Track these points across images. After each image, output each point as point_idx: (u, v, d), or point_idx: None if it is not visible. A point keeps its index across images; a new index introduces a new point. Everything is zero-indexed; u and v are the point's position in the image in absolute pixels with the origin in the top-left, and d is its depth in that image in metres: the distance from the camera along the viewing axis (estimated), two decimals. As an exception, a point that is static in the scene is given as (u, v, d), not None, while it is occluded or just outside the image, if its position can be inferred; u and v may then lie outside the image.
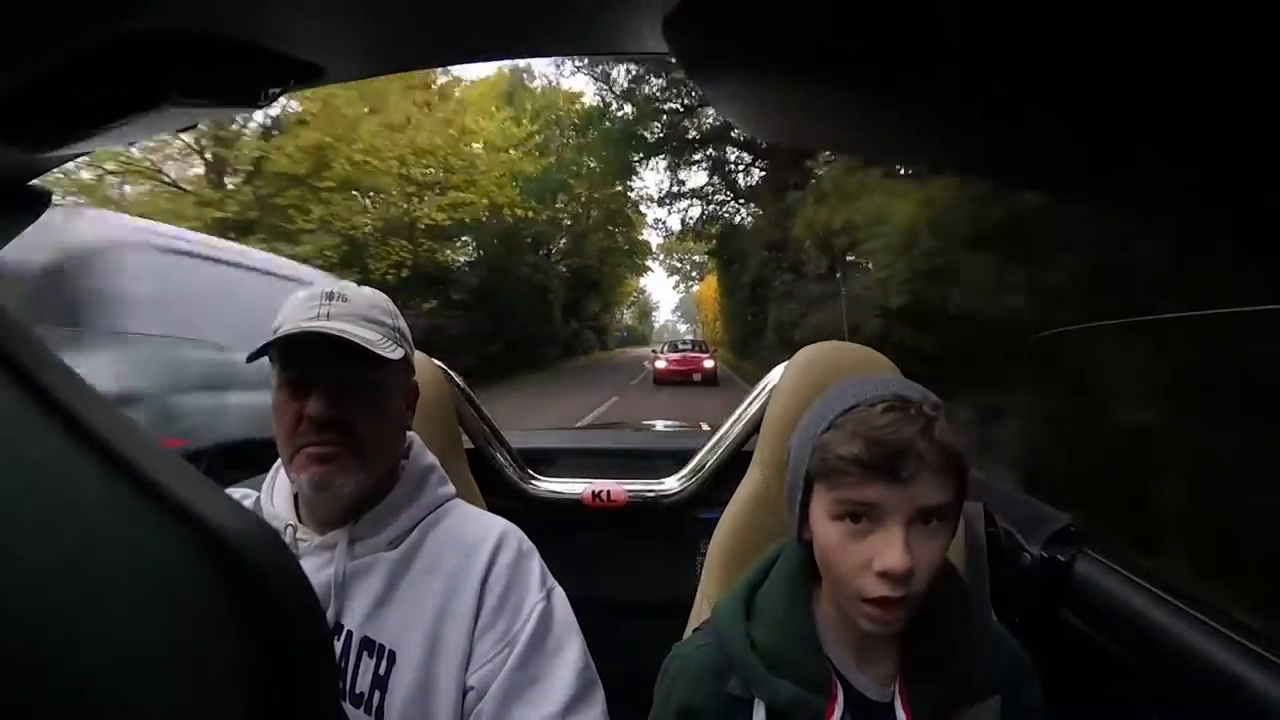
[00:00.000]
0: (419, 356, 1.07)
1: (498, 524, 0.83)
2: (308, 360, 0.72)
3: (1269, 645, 0.74)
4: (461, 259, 15.62)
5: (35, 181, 0.59)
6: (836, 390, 0.69)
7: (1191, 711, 0.77)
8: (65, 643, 0.14)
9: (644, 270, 25.31)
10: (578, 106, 19.29)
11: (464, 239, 15.54)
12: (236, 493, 0.85)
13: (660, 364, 17.30)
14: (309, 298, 0.76)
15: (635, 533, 1.31)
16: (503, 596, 0.75)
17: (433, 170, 13.53)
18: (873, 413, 0.63)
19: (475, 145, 14.98)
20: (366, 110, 12.09)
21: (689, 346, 19.06)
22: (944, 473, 0.62)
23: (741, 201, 17.69)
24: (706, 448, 1.28)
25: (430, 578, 0.75)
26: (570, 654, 0.76)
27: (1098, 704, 0.92)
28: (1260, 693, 0.70)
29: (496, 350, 14.84)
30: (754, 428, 1.19)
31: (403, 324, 0.81)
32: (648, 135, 17.50)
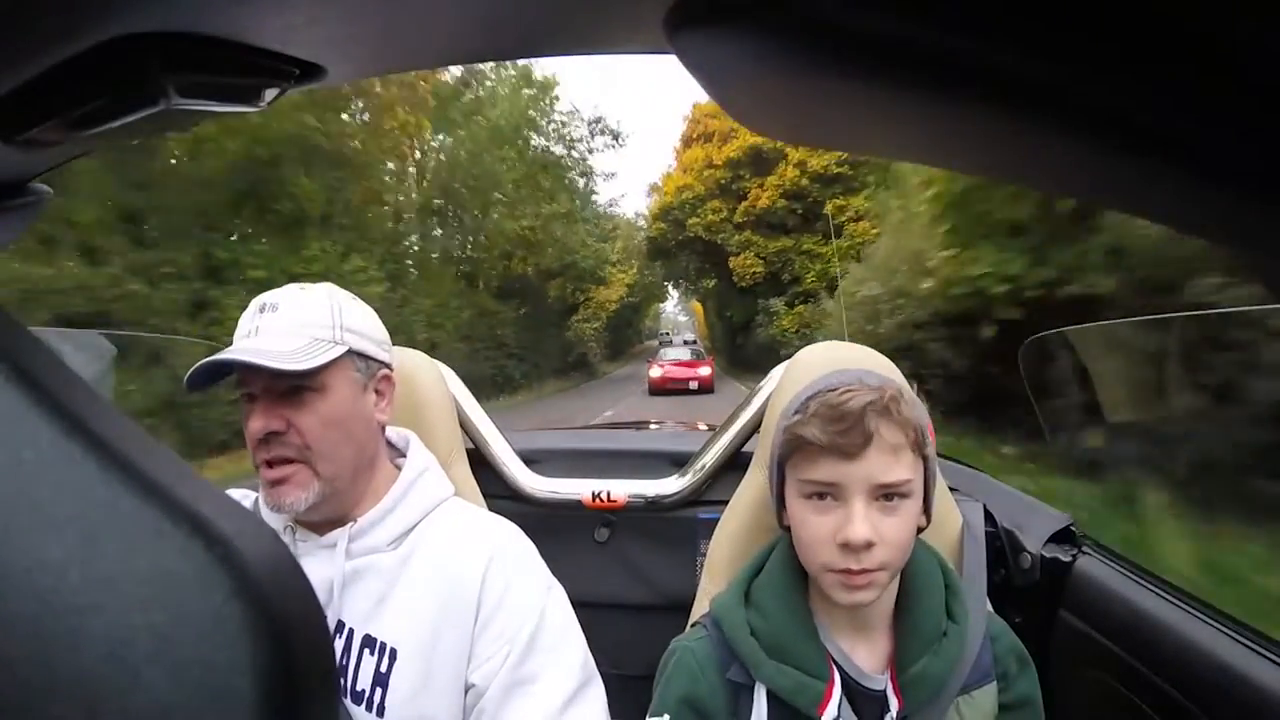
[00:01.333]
0: (419, 357, 1.08)
1: (497, 523, 0.83)
2: (248, 378, 0.73)
3: (1270, 644, 0.74)
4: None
5: (35, 182, 0.59)
6: (812, 381, 0.72)
7: (1192, 711, 0.77)
8: (66, 643, 0.14)
9: (665, 299, 42.23)
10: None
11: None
12: (236, 493, 0.85)
13: (655, 372, 17.20)
14: (247, 313, 0.76)
15: (635, 533, 1.31)
16: (502, 595, 0.75)
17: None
18: (831, 395, 0.67)
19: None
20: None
21: (687, 352, 18.99)
22: (900, 450, 0.65)
23: (713, 275, 25.62)
24: (706, 448, 1.28)
25: (430, 576, 0.75)
26: (570, 651, 0.76)
27: (1098, 704, 0.92)
28: (1261, 692, 0.70)
29: (616, 346, 34.41)
30: (754, 428, 1.19)
31: (353, 317, 0.78)
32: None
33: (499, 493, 1.25)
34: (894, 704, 0.67)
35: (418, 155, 15.87)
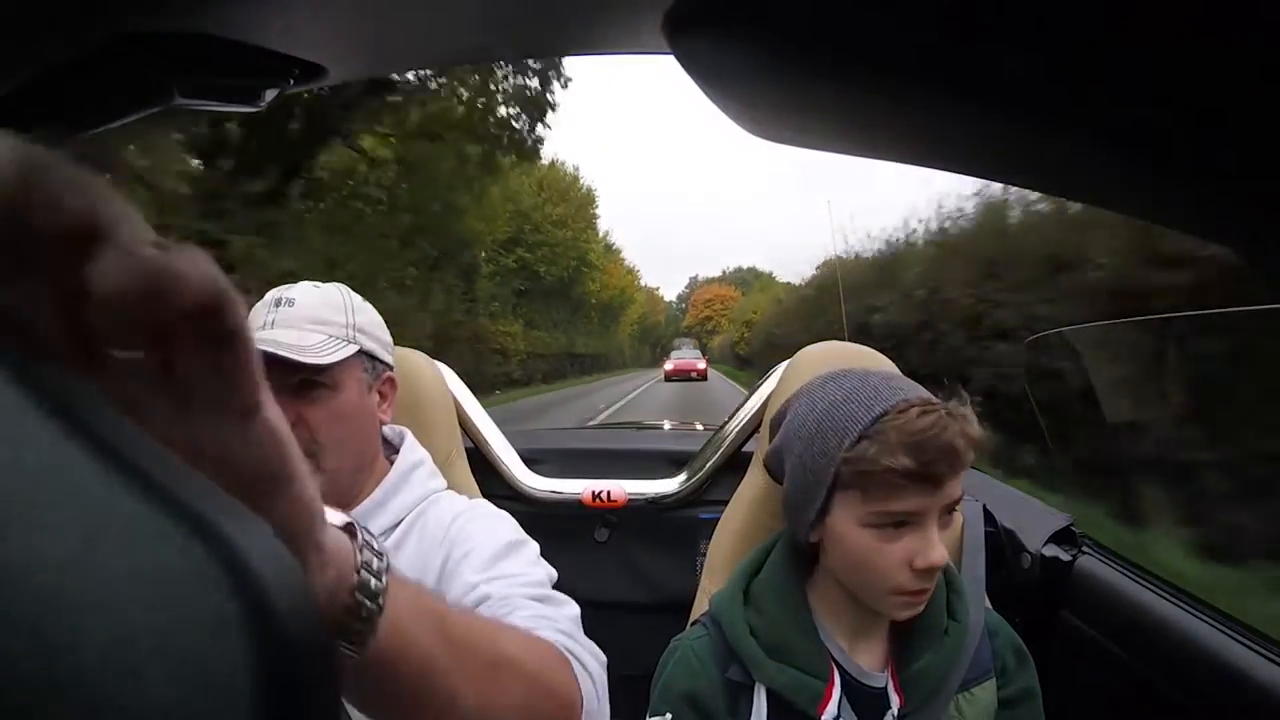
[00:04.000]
0: (418, 356, 1.08)
1: (480, 499, 0.84)
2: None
3: (1270, 644, 0.74)
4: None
5: None
6: (847, 392, 0.67)
7: (1191, 711, 0.77)
8: (67, 642, 0.14)
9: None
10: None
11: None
12: None
13: (669, 365, 28.35)
14: (260, 306, 0.76)
15: (635, 533, 1.31)
16: (467, 549, 0.73)
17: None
18: (909, 418, 0.62)
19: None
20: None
21: (690, 352, 30.68)
22: (967, 467, 0.64)
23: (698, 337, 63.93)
24: (706, 448, 1.28)
25: (420, 569, 0.76)
26: (506, 525, 0.77)
27: (1098, 704, 0.92)
28: (1261, 692, 0.70)
29: (664, 352, 47.41)
30: (754, 428, 1.18)
31: (364, 318, 0.79)
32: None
33: (499, 493, 1.25)
34: (894, 702, 0.67)
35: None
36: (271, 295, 0.77)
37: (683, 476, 1.29)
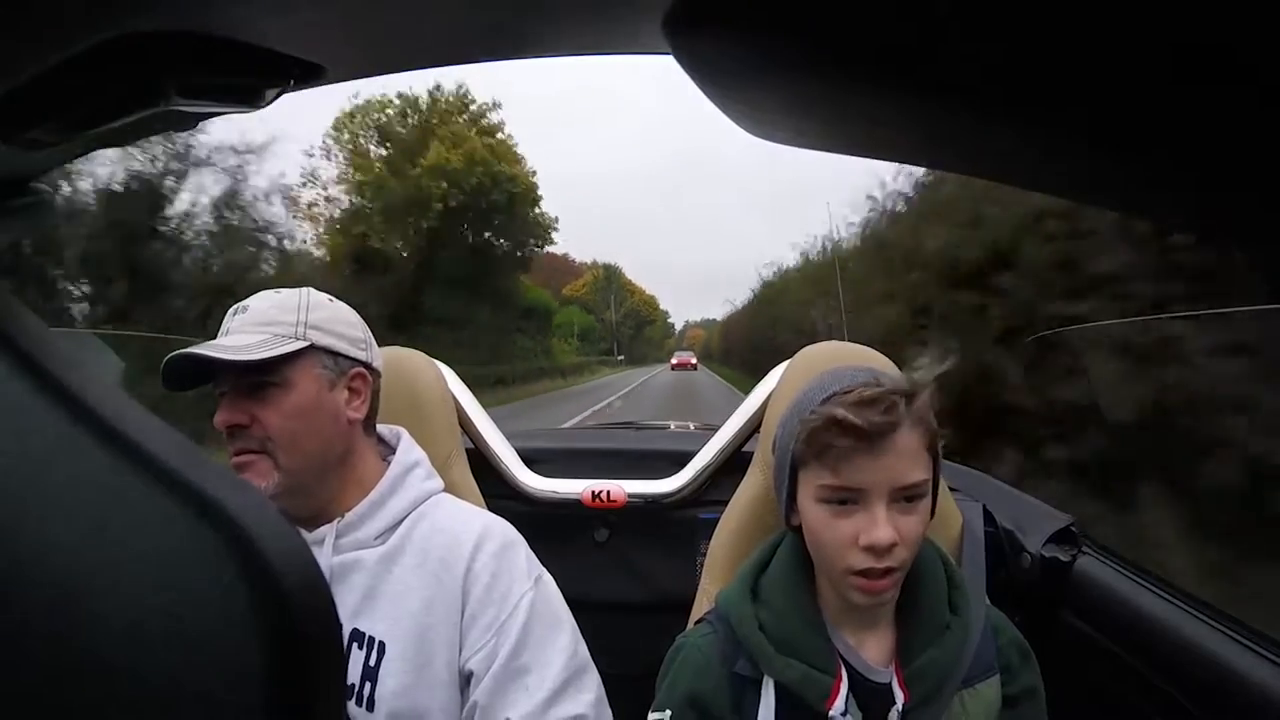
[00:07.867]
0: (419, 357, 1.08)
1: (482, 516, 0.84)
2: (216, 376, 0.76)
3: (1270, 644, 0.74)
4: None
5: (35, 182, 0.59)
6: (818, 380, 0.72)
7: (1191, 711, 0.77)
8: (82, 625, 0.15)
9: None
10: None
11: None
12: None
13: (673, 360, 44.36)
14: (226, 315, 0.80)
15: (635, 533, 1.31)
16: (489, 586, 0.76)
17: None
18: (850, 395, 0.66)
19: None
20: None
21: (685, 352, 48.01)
22: (919, 450, 0.65)
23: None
24: (706, 448, 1.28)
25: (417, 570, 0.76)
26: (561, 640, 0.77)
27: (1098, 704, 0.92)
28: (1261, 692, 0.70)
29: (669, 353, 70.08)
30: (754, 428, 1.19)
31: (321, 315, 0.80)
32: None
33: (499, 493, 1.25)
34: (899, 697, 0.67)
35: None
36: (234, 306, 0.80)
37: (683, 476, 1.29)
